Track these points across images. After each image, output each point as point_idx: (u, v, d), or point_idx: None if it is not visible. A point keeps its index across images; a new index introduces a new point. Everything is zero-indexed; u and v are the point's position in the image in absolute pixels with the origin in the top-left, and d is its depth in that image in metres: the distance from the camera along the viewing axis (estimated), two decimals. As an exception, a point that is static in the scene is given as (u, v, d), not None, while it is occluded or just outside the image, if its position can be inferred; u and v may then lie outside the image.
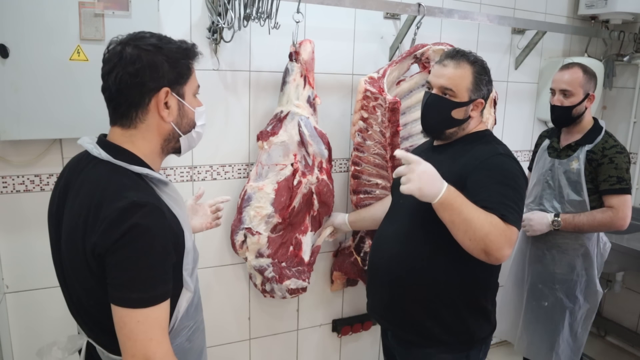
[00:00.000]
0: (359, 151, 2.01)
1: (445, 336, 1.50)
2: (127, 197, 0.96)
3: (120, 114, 1.05)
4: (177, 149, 1.14)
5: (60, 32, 1.49)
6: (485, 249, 1.28)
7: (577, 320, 2.08)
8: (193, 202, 1.52)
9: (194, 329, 1.17)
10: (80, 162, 1.09)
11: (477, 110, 1.51)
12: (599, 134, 1.99)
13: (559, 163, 2.05)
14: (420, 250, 1.48)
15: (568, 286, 2.06)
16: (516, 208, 1.36)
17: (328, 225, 2.07)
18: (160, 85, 1.03)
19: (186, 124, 1.11)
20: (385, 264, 1.56)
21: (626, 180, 1.92)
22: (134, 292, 0.95)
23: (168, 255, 1.00)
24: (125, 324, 0.96)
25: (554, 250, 2.07)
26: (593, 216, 1.96)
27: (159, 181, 1.07)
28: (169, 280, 1.01)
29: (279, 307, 2.21)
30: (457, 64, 1.47)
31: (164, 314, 0.99)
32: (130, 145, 1.06)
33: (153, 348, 0.96)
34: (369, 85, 1.92)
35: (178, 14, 1.77)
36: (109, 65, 1.02)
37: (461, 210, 1.29)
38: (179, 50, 1.06)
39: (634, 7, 2.55)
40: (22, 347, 1.75)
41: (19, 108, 1.49)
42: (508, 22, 2.33)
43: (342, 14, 2.05)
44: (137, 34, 1.05)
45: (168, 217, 1.01)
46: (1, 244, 1.67)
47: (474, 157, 1.44)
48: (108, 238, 0.94)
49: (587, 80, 1.96)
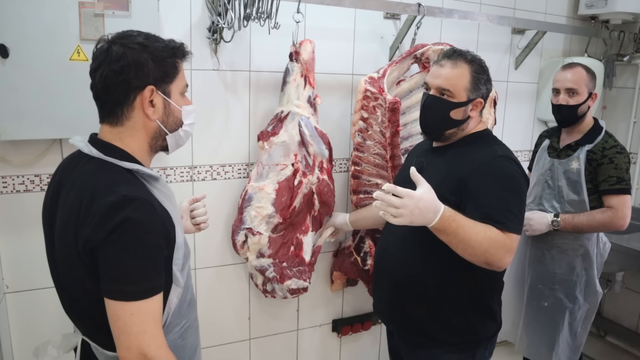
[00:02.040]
0: (359, 151, 2.01)
1: (451, 337, 1.50)
2: (118, 191, 0.97)
3: (107, 111, 1.07)
4: (165, 147, 1.15)
5: (60, 32, 1.49)
6: (486, 262, 1.34)
7: (576, 320, 2.08)
8: (187, 205, 1.49)
9: (187, 327, 1.17)
10: (72, 161, 1.11)
11: (476, 110, 1.49)
12: (599, 134, 1.98)
13: (558, 163, 2.05)
14: (424, 253, 1.47)
15: (568, 286, 2.06)
16: (516, 213, 1.37)
17: (329, 226, 2.07)
18: (144, 84, 1.04)
19: (172, 122, 1.12)
20: (390, 266, 1.56)
21: (626, 180, 1.92)
22: (127, 285, 0.96)
23: (160, 249, 1.01)
24: (119, 317, 0.97)
25: (554, 250, 2.07)
26: (592, 216, 1.95)
27: (149, 176, 1.08)
28: (161, 273, 1.02)
29: (279, 307, 2.20)
30: (454, 64, 1.45)
31: (158, 306, 1.00)
32: (119, 142, 1.07)
33: (147, 341, 0.97)
34: (369, 85, 1.92)
35: (178, 14, 1.77)
36: (95, 63, 1.04)
37: (457, 233, 1.31)
38: (165, 48, 1.07)
39: (634, 7, 2.55)
40: (22, 346, 1.75)
41: (19, 108, 1.49)
42: (508, 22, 2.33)
43: (342, 14, 2.05)
44: (125, 32, 1.06)
45: (159, 211, 1.02)
46: (1, 244, 1.67)
47: (474, 160, 1.43)
48: (100, 232, 0.95)
49: (590, 79, 1.97)
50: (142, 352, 0.96)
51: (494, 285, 1.54)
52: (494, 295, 1.55)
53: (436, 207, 1.31)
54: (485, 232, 1.32)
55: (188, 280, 1.17)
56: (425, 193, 1.30)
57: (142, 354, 0.97)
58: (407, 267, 1.51)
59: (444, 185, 1.43)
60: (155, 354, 0.98)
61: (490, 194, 1.37)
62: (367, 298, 2.27)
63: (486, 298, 1.52)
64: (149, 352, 0.97)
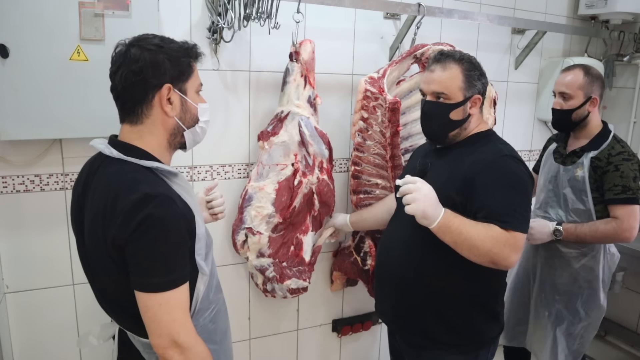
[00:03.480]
0: (359, 151, 2.01)
1: (454, 338, 1.50)
2: (139, 190, 1.03)
3: (127, 111, 1.12)
4: (183, 144, 1.19)
5: (60, 32, 1.49)
6: (492, 261, 1.34)
7: (574, 334, 1.96)
8: (204, 195, 1.56)
9: (217, 310, 1.24)
10: (95, 163, 1.16)
11: (475, 107, 1.49)
12: (606, 140, 1.87)
13: (563, 170, 1.95)
14: (426, 255, 1.48)
15: (569, 298, 1.96)
16: (522, 212, 1.37)
17: (329, 227, 2.07)
18: (162, 82, 1.09)
19: (189, 118, 1.17)
20: (392, 269, 1.56)
21: (632, 189, 1.78)
22: (154, 278, 1.03)
23: (183, 241, 1.07)
24: (149, 308, 1.04)
25: (556, 259, 1.97)
26: (596, 227, 1.84)
27: (168, 173, 1.13)
28: (186, 265, 1.08)
29: (279, 307, 2.20)
30: (443, 67, 1.47)
31: (184, 296, 1.07)
32: (139, 141, 1.12)
33: (177, 328, 1.04)
34: (370, 86, 1.92)
35: (178, 14, 1.77)
36: (115, 66, 1.10)
37: (460, 231, 1.33)
38: (180, 49, 1.13)
39: (634, 7, 2.55)
40: (22, 346, 1.75)
41: (19, 108, 1.49)
42: (508, 22, 2.33)
43: (342, 14, 2.05)
44: (141, 35, 1.12)
45: (180, 205, 1.07)
46: (1, 244, 1.67)
47: (479, 160, 1.43)
48: (125, 229, 1.01)
49: (588, 82, 1.85)
50: (172, 339, 1.04)
51: (496, 286, 1.54)
52: (497, 296, 1.55)
53: (439, 204, 1.36)
54: (487, 231, 1.33)
55: (213, 267, 1.24)
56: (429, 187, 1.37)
57: (173, 340, 1.04)
58: (409, 269, 1.51)
59: (449, 185, 1.43)
60: (185, 339, 1.05)
61: (495, 192, 1.37)
62: (367, 298, 2.27)
63: (489, 299, 1.52)
64: (179, 339, 1.04)
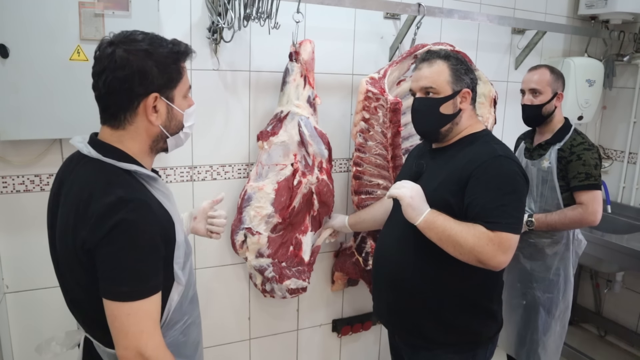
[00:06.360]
0: (361, 152, 2.01)
1: (451, 337, 1.50)
2: (114, 193, 0.98)
3: (110, 115, 1.06)
4: (165, 149, 1.15)
5: (60, 32, 1.49)
6: (478, 260, 1.35)
7: (555, 318, 2.10)
8: (207, 206, 1.51)
9: (189, 323, 1.18)
10: (72, 161, 1.12)
11: (466, 102, 1.50)
12: (568, 132, 2.03)
13: (531, 164, 2.09)
14: (422, 255, 1.47)
15: (545, 284, 2.09)
16: (511, 212, 1.37)
17: (328, 227, 2.07)
18: (149, 91, 1.04)
19: (174, 126, 1.12)
20: (388, 269, 1.56)
21: (594, 176, 1.93)
22: (123, 286, 0.97)
23: (156, 249, 1.02)
24: (116, 317, 0.98)
25: (530, 249, 2.10)
26: (564, 214, 1.97)
27: (147, 177, 1.08)
28: (158, 274, 1.02)
29: (279, 307, 2.21)
30: (430, 63, 1.49)
31: (155, 306, 1.01)
32: (119, 144, 1.07)
33: (144, 340, 0.98)
34: (371, 86, 1.92)
35: (178, 14, 1.77)
36: (99, 66, 1.03)
37: (444, 227, 1.36)
38: (169, 54, 1.06)
39: (634, 7, 2.55)
40: (22, 346, 1.75)
41: (19, 108, 1.49)
42: (508, 22, 2.33)
43: (342, 14, 2.05)
44: (128, 34, 1.05)
45: (157, 211, 1.03)
46: (1, 244, 1.67)
47: (473, 160, 1.43)
48: (96, 233, 0.96)
49: (554, 79, 2.01)
50: (139, 352, 0.98)
51: (493, 285, 1.54)
52: (494, 295, 1.55)
53: (426, 202, 1.43)
54: (469, 229, 1.34)
55: (190, 278, 1.18)
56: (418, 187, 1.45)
57: (139, 352, 0.98)
58: (405, 269, 1.50)
59: (445, 186, 1.43)
60: (152, 353, 0.99)
61: (484, 193, 1.38)
62: (367, 298, 2.27)
63: (486, 298, 1.52)
64: (146, 352, 0.98)
